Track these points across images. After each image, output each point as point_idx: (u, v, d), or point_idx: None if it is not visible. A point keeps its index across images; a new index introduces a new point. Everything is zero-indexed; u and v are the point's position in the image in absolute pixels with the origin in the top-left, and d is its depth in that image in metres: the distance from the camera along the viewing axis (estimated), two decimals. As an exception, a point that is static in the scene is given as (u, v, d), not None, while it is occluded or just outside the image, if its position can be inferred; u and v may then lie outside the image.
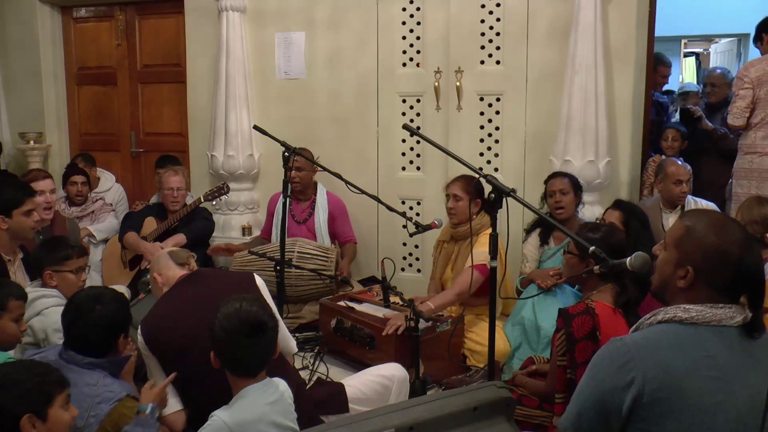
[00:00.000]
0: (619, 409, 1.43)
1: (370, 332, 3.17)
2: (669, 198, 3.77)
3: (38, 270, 2.90)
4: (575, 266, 2.57)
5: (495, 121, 4.24)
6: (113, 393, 2.14)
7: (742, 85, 3.98)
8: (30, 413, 1.75)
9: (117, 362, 2.28)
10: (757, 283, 1.50)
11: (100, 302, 2.23)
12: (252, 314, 1.98)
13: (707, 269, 1.50)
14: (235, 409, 1.96)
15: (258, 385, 2.01)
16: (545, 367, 2.81)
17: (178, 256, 2.57)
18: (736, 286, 1.49)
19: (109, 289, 2.39)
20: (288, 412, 2.04)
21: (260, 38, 4.71)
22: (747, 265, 1.48)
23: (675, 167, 3.76)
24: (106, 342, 2.23)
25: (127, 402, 2.17)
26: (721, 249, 1.49)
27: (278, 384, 2.07)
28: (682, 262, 1.53)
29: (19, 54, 5.52)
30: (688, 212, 1.94)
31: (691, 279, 1.51)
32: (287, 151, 3.35)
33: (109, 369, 2.22)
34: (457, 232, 3.55)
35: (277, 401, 2.02)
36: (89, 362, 2.19)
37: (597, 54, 3.82)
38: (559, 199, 3.60)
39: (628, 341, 1.48)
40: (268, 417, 1.97)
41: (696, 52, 9.24)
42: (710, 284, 1.50)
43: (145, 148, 5.49)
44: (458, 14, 4.20)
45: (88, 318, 2.20)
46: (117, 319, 2.26)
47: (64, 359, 2.20)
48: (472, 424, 1.73)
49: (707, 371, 1.42)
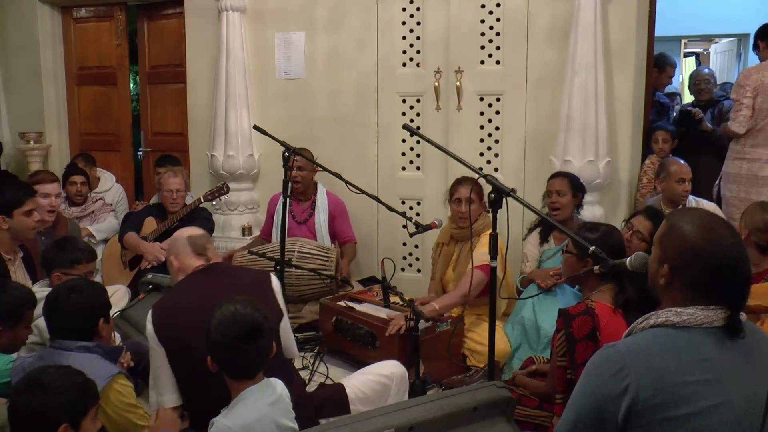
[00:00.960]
0: (614, 416, 1.43)
1: (372, 331, 3.18)
2: (671, 197, 3.76)
3: (47, 270, 2.91)
4: (574, 266, 2.57)
5: (495, 121, 4.24)
6: (105, 370, 2.21)
7: (744, 93, 4.00)
8: (67, 423, 1.79)
9: (111, 349, 2.37)
10: (735, 283, 1.47)
11: (75, 291, 2.33)
12: (247, 318, 1.97)
13: (681, 267, 1.49)
14: (235, 413, 1.95)
15: (256, 387, 2.01)
16: (545, 367, 2.81)
17: (196, 244, 2.49)
18: (715, 289, 1.47)
19: (84, 280, 2.50)
20: (287, 411, 2.04)
21: (260, 38, 4.72)
22: (721, 264, 1.46)
23: (677, 166, 3.76)
24: (87, 326, 2.32)
25: (119, 378, 2.24)
26: (696, 247, 1.47)
27: (276, 384, 2.07)
28: (663, 259, 1.53)
29: (19, 54, 5.52)
30: (676, 210, 1.94)
31: (668, 277, 1.51)
32: (287, 151, 3.35)
33: (103, 354, 2.30)
34: (459, 233, 3.54)
35: (276, 401, 2.02)
36: (81, 346, 2.26)
37: (597, 54, 3.82)
38: (555, 200, 3.59)
39: (621, 348, 1.47)
40: (269, 417, 1.97)
41: (696, 52, 9.24)
42: (686, 283, 1.49)
43: (150, 148, 5.51)
44: (458, 14, 4.20)
45: (65, 305, 2.30)
46: (94, 305, 2.35)
47: (57, 347, 2.28)
48: (472, 424, 1.73)
49: (702, 374, 1.42)
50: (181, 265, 2.48)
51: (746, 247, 1.65)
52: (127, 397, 2.26)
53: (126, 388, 2.27)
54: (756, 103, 3.98)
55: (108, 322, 2.40)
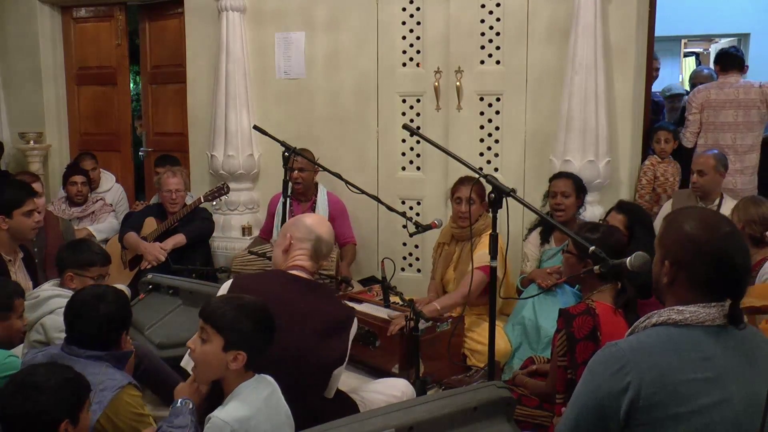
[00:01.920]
0: (616, 414, 1.43)
1: (373, 331, 3.17)
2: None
3: (60, 268, 2.89)
4: (574, 266, 2.57)
5: (495, 121, 4.24)
6: (116, 381, 2.17)
7: (691, 110, 4.36)
8: (67, 419, 1.79)
9: (119, 356, 2.31)
10: (736, 272, 1.47)
11: (103, 301, 2.26)
12: (267, 310, 2.00)
13: (683, 262, 1.49)
14: (232, 407, 1.94)
15: (250, 382, 2.00)
16: (545, 367, 2.81)
17: (319, 252, 2.39)
18: (717, 280, 1.47)
19: (111, 288, 2.41)
20: (280, 406, 2.03)
21: (260, 38, 4.71)
22: (720, 253, 1.46)
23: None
24: (109, 339, 2.27)
25: (128, 389, 2.20)
26: (695, 238, 1.48)
27: (270, 379, 2.05)
28: (664, 257, 1.54)
29: (19, 54, 5.52)
30: (673, 210, 1.95)
31: (670, 274, 1.51)
32: (287, 151, 3.35)
33: (112, 362, 2.25)
34: (460, 233, 3.54)
35: (270, 395, 2.01)
36: (92, 355, 2.22)
37: (597, 54, 3.82)
38: (560, 201, 3.60)
39: (623, 346, 1.48)
40: (265, 412, 1.96)
41: (696, 52, 9.23)
42: (690, 279, 1.49)
43: (152, 147, 5.51)
44: (458, 14, 4.20)
45: (91, 316, 2.23)
46: (118, 318, 2.28)
47: (67, 352, 2.23)
48: (472, 424, 1.73)
49: (703, 372, 1.42)
50: (288, 253, 2.39)
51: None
52: (137, 407, 2.22)
53: (136, 399, 2.22)
54: (702, 117, 4.29)
55: (128, 335, 2.37)
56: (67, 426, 1.79)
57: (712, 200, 3.80)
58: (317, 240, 2.40)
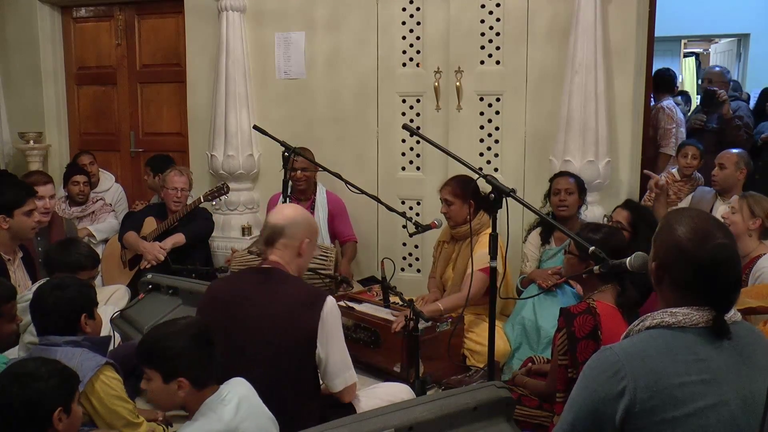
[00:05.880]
0: (612, 419, 1.43)
1: (375, 330, 3.17)
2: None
3: (49, 270, 2.89)
4: (575, 266, 2.57)
5: (495, 121, 4.24)
6: (93, 362, 2.23)
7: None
8: (60, 407, 1.82)
9: (98, 341, 2.38)
10: (718, 284, 1.46)
11: (58, 288, 2.35)
12: (196, 325, 2.02)
13: (667, 264, 1.50)
14: (197, 427, 1.90)
15: (213, 397, 1.95)
16: (545, 366, 2.81)
17: (270, 238, 2.44)
18: (698, 289, 1.46)
19: (70, 277, 2.51)
20: (257, 406, 2.00)
21: (260, 38, 4.71)
22: (703, 263, 1.44)
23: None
24: (68, 323, 2.33)
25: (106, 370, 2.25)
26: (680, 245, 1.47)
27: (238, 384, 2.01)
28: (653, 257, 1.55)
29: (19, 54, 5.51)
30: (673, 210, 1.95)
31: (656, 275, 1.52)
32: (287, 151, 3.35)
33: (90, 347, 2.31)
34: (457, 232, 3.55)
35: (240, 404, 1.95)
36: (69, 341, 2.28)
37: (597, 54, 3.82)
38: (564, 198, 3.61)
39: (618, 350, 1.47)
40: (236, 423, 1.91)
41: (696, 52, 9.25)
42: (673, 283, 1.49)
43: (144, 147, 5.48)
44: (458, 14, 4.20)
45: (46, 303, 2.32)
46: (75, 301, 2.35)
47: (44, 343, 2.29)
48: (472, 424, 1.73)
49: (698, 375, 1.42)
50: (305, 258, 2.46)
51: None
52: (114, 389, 2.24)
53: (113, 381, 2.25)
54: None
55: (93, 318, 2.40)
56: (61, 414, 1.82)
57: (730, 197, 3.78)
58: (264, 227, 2.49)
